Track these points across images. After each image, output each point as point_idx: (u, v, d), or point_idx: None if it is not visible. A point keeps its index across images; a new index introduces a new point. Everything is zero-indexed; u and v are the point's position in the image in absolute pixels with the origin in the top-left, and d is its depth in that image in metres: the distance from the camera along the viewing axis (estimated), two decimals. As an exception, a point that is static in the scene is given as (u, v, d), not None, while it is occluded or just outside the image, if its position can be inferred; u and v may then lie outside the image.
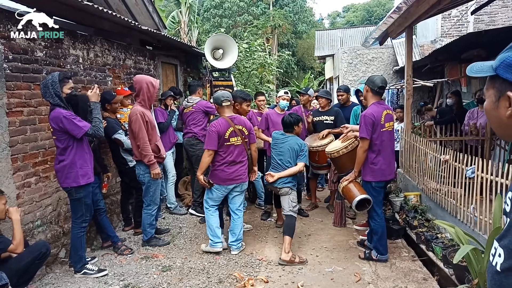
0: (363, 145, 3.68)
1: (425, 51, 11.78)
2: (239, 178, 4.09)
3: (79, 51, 4.38)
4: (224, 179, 4.04)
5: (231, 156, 4.02)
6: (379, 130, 3.65)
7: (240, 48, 9.88)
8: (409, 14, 4.91)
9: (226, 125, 3.98)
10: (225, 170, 4.02)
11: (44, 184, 3.83)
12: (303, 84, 19.78)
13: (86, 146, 3.58)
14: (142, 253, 4.22)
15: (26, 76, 3.58)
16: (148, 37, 6.08)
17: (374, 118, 3.61)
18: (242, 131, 4.07)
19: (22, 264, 2.95)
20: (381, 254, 3.82)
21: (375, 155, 3.70)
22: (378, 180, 3.75)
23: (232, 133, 3.99)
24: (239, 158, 4.07)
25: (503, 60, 0.95)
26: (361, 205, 3.82)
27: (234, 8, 25.35)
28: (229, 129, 3.97)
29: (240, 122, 4.07)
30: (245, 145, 4.11)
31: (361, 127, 3.68)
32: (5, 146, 3.32)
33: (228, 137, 3.97)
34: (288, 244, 3.90)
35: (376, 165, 3.71)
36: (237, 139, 4.03)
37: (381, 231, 3.80)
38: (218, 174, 4.05)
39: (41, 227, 3.74)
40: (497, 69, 0.96)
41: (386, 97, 10.23)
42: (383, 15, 30.68)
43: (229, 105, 4.09)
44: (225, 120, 4.01)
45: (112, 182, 5.00)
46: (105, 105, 4.44)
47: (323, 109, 5.37)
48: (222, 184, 4.06)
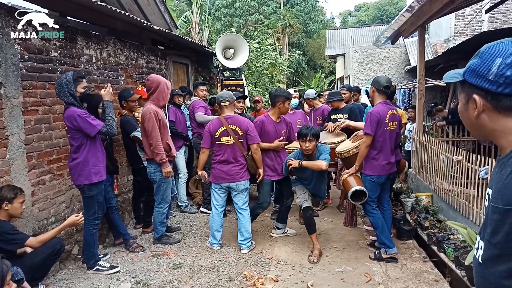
0: (366, 141, 3.79)
1: (438, 50, 11.65)
2: (232, 178, 4.12)
3: (92, 51, 4.44)
4: (217, 177, 4.15)
5: (222, 155, 4.09)
6: (382, 128, 3.78)
7: (251, 48, 9.89)
8: (422, 13, 4.87)
9: (218, 124, 4.07)
10: (218, 168, 4.13)
11: (58, 181, 3.90)
12: (314, 83, 19.69)
13: (99, 145, 3.63)
14: (153, 250, 4.26)
15: (41, 75, 3.65)
16: (159, 36, 6.13)
17: (380, 116, 3.75)
18: (235, 131, 4.08)
19: (37, 260, 3.02)
20: (389, 248, 3.82)
21: (376, 152, 3.83)
22: (377, 174, 3.85)
23: (223, 133, 4.05)
24: (232, 158, 4.09)
25: (469, 67, 1.09)
26: (358, 198, 3.88)
27: (245, 8, 25.35)
28: (220, 128, 4.05)
29: (234, 122, 4.09)
30: (239, 145, 4.11)
31: (366, 123, 3.82)
32: (21, 144, 3.39)
33: (219, 136, 4.06)
34: (315, 240, 4.07)
35: (377, 161, 3.84)
36: (228, 138, 4.06)
37: (381, 224, 3.88)
38: (213, 172, 4.20)
39: (55, 224, 3.80)
40: (464, 75, 1.09)
41: (397, 96, 10.14)
42: (395, 14, 30.37)
43: (228, 105, 4.13)
44: (218, 120, 4.12)
45: (124, 180, 5.06)
46: (122, 102, 4.53)
47: (337, 108, 5.37)
48: (215, 182, 4.17)
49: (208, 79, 8.50)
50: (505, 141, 1.07)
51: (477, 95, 1.07)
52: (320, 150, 4.05)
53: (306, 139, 3.89)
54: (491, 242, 1.03)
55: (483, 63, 1.06)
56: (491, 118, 1.08)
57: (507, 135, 1.06)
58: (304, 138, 3.90)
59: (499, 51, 1.05)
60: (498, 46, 1.06)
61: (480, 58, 1.08)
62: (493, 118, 1.07)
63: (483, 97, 1.07)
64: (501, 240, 1.02)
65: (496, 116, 1.06)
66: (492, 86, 1.04)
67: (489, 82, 1.04)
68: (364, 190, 3.81)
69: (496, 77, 1.03)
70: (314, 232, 4.08)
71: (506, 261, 1.00)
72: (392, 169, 3.98)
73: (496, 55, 1.04)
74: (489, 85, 1.05)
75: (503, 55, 1.03)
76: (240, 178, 4.14)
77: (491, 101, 1.06)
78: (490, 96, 1.05)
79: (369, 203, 3.89)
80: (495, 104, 1.06)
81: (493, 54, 1.05)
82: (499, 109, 1.05)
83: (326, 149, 4.09)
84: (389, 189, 4.26)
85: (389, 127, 3.84)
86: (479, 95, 1.07)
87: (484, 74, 1.05)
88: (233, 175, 4.11)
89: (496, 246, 1.03)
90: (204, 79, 8.15)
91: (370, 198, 3.86)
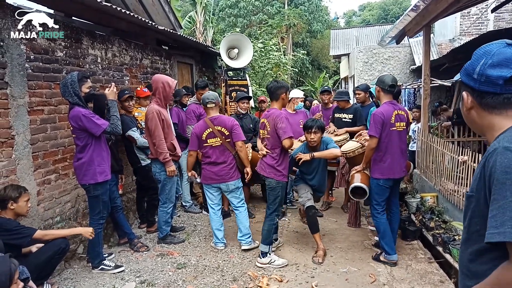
0: (371, 143, 3.72)
1: (443, 50, 11.58)
2: (221, 178, 4.13)
3: (97, 51, 4.46)
4: (207, 177, 4.18)
5: (211, 157, 4.11)
6: (388, 129, 3.68)
7: (255, 48, 9.89)
8: (427, 12, 4.84)
9: (204, 127, 4.10)
10: (208, 169, 4.17)
11: (64, 181, 3.92)
12: (318, 83, 19.66)
13: (104, 144, 3.64)
14: (158, 250, 4.27)
15: (47, 75, 3.67)
16: (164, 37, 6.15)
17: (384, 117, 3.65)
18: (221, 131, 4.08)
19: (42, 259, 3.04)
20: (388, 254, 3.78)
21: (383, 153, 3.73)
22: (386, 178, 3.73)
23: (210, 134, 4.07)
24: (221, 159, 4.11)
25: (464, 67, 1.20)
26: (359, 195, 3.90)
27: (249, 8, 25.34)
28: (206, 130, 4.07)
29: (220, 123, 4.10)
30: (227, 145, 4.11)
31: (370, 125, 3.76)
32: (27, 143, 3.41)
33: (206, 139, 4.08)
34: (319, 240, 4.04)
35: (385, 163, 3.73)
36: (216, 140, 4.08)
37: (382, 229, 3.79)
38: (203, 172, 4.23)
39: (60, 223, 3.82)
40: (460, 74, 1.22)
41: (402, 96, 10.09)
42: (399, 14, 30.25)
43: (214, 106, 4.12)
44: (203, 122, 4.14)
45: (128, 180, 5.08)
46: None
47: (343, 107, 5.36)
48: (205, 183, 4.21)
49: (213, 79, 8.51)
50: (489, 136, 1.17)
51: (466, 92, 1.19)
52: (326, 141, 4.08)
53: (312, 131, 3.96)
54: (464, 227, 1.17)
55: (471, 63, 1.16)
56: (479, 115, 1.17)
57: (491, 131, 1.16)
58: (310, 130, 3.97)
59: (485, 52, 1.14)
60: (486, 48, 1.15)
61: (471, 58, 1.18)
62: (480, 115, 1.17)
63: (470, 94, 1.18)
64: (466, 224, 1.15)
65: (482, 113, 1.16)
66: (475, 84, 1.14)
67: (474, 80, 1.14)
68: (364, 187, 3.80)
69: (479, 76, 1.13)
70: (317, 231, 4.06)
71: (472, 244, 1.12)
72: (400, 174, 3.83)
73: (482, 56, 1.14)
74: (473, 83, 1.15)
75: (486, 55, 1.12)
76: (230, 178, 4.14)
77: (476, 98, 1.16)
78: (476, 93, 1.15)
79: (375, 206, 3.82)
80: (479, 102, 1.15)
81: (480, 55, 1.15)
82: (483, 106, 1.15)
83: (331, 140, 4.14)
84: (398, 192, 4.14)
85: (396, 128, 3.71)
86: (467, 92, 1.19)
87: (471, 73, 1.15)
88: (223, 176, 4.13)
89: (464, 230, 1.17)
90: (208, 79, 8.15)
91: (376, 201, 3.79)
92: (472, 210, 1.12)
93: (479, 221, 1.09)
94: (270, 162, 3.77)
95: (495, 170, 1.01)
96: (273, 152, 3.76)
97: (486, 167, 1.06)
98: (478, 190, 1.09)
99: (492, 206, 1.00)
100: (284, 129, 3.62)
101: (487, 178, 1.05)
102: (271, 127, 3.72)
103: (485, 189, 1.06)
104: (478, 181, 1.09)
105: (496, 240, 0.97)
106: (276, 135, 3.69)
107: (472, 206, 1.12)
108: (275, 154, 3.75)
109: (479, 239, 1.07)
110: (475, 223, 1.10)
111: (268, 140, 3.79)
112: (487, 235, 0.99)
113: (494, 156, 1.04)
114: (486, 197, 1.05)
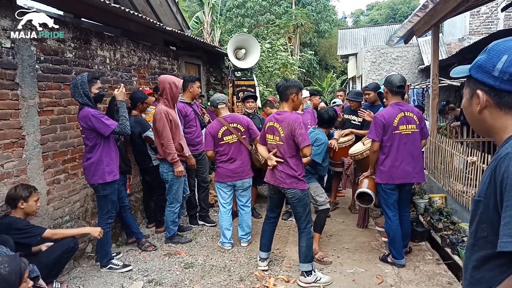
0: (372, 147, 3.69)
1: (452, 49, 11.47)
2: (238, 176, 4.21)
3: (106, 52, 4.50)
4: (223, 175, 4.22)
5: (227, 154, 4.17)
6: (390, 132, 3.56)
7: (262, 48, 9.89)
8: (436, 11, 4.81)
9: (218, 125, 4.17)
10: (224, 167, 4.21)
11: (73, 181, 3.96)
12: (325, 83, 19.61)
13: (113, 145, 3.68)
14: (165, 249, 4.30)
15: (57, 76, 3.71)
16: (172, 37, 6.18)
17: (385, 120, 3.56)
18: (237, 128, 4.18)
19: (51, 258, 3.08)
20: (395, 258, 3.74)
21: (384, 158, 3.64)
22: (385, 183, 3.64)
23: (225, 132, 4.14)
24: (237, 156, 4.19)
25: (475, 62, 1.10)
26: (367, 200, 3.94)
27: (257, 8, 25.35)
28: (221, 128, 4.14)
29: (234, 120, 4.21)
30: (243, 141, 4.20)
31: (370, 128, 3.71)
32: (37, 144, 3.45)
33: (222, 136, 4.14)
34: (317, 240, 4.03)
35: (384, 167, 3.63)
36: (232, 137, 4.16)
37: (392, 234, 3.69)
38: (219, 171, 4.26)
39: (69, 222, 3.87)
40: (470, 70, 1.11)
41: (411, 96, 10.02)
42: (408, 13, 30.00)
43: (225, 106, 4.26)
44: (217, 121, 4.21)
45: (136, 180, 5.12)
46: (137, 103, 4.57)
47: (355, 109, 5.32)
48: (221, 181, 4.24)
49: (220, 79, 8.53)
50: (499, 137, 1.10)
51: (481, 90, 1.09)
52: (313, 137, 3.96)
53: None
54: (470, 233, 1.12)
55: (489, 59, 1.07)
56: (492, 115, 1.09)
57: (502, 132, 1.09)
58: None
59: (506, 48, 1.05)
60: (506, 43, 1.07)
61: (487, 54, 1.08)
62: (494, 115, 1.09)
63: (486, 93, 1.08)
64: (473, 230, 1.10)
65: (497, 113, 1.08)
66: (495, 83, 1.05)
67: (493, 78, 1.05)
68: (370, 193, 3.78)
69: (501, 73, 1.04)
70: (320, 232, 4.08)
71: (478, 250, 1.08)
72: (409, 178, 3.61)
73: (503, 52, 1.05)
74: (493, 82, 1.06)
75: (510, 52, 1.04)
76: (246, 175, 4.26)
77: (493, 97, 1.07)
78: (493, 92, 1.07)
79: (384, 208, 3.75)
80: (497, 101, 1.07)
81: (500, 51, 1.06)
82: (501, 106, 1.07)
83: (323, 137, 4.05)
84: (408, 201, 3.95)
85: (400, 131, 3.54)
86: (483, 90, 1.09)
87: (489, 70, 1.06)
88: (239, 173, 4.21)
89: (471, 236, 1.12)
90: (215, 79, 8.19)
91: (385, 204, 3.72)
92: (479, 215, 1.08)
93: (486, 227, 1.05)
94: (290, 172, 3.34)
95: (508, 176, 0.97)
96: (289, 161, 3.34)
97: (497, 172, 1.01)
98: (487, 195, 1.04)
99: (505, 213, 0.96)
100: (304, 136, 3.24)
101: (498, 184, 1.00)
102: (285, 133, 3.31)
103: (495, 195, 1.01)
104: (488, 186, 1.05)
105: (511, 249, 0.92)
106: (292, 142, 3.29)
107: (480, 211, 1.07)
108: (293, 163, 3.34)
109: (486, 246, 1.04)
110: (482, 229, 1.06)
111: (281, 147, 3.36)
112: (501, 244, 0.94)
113: (506, 161, 0.99)
114: (496, 203, 1.01)
